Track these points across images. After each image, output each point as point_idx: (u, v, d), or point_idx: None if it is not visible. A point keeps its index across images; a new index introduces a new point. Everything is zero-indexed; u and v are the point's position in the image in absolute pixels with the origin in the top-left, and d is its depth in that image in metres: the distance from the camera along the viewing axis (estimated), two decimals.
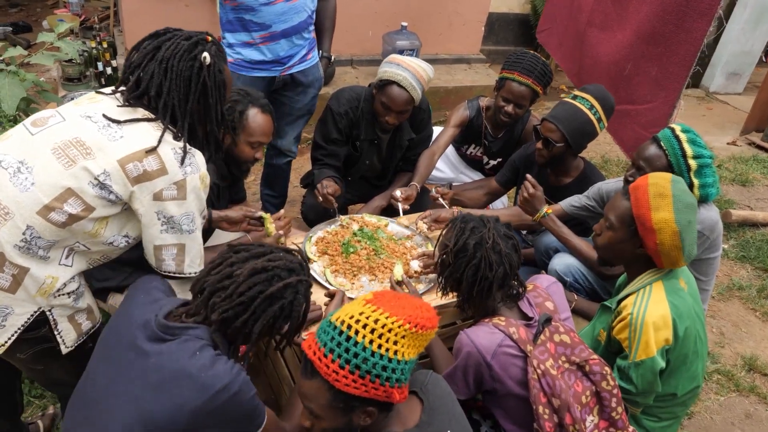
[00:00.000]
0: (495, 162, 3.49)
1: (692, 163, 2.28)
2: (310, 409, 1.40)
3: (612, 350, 2.11)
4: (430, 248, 2.65)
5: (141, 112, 1.66)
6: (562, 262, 2.69)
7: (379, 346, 1.31)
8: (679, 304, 1.98)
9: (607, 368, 1.85)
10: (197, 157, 1.70)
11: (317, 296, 2.28)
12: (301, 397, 1.42)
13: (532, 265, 3.02)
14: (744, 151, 5.67)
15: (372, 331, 1.31)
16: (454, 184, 3.64)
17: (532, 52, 3.17)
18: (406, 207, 2.91)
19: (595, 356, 1.86)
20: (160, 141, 1.61)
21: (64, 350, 1.72)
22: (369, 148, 3.06)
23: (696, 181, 2.29)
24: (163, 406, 1.38)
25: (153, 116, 1.66)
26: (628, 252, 2.03)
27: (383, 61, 2.89)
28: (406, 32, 5.14)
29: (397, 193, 2.92)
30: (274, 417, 1.62)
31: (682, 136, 2.31)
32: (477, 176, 3.63)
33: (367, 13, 5.27)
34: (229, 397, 1.41)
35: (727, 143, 5.77)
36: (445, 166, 3.69)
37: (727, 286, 3.77)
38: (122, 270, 2.04)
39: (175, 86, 1.65)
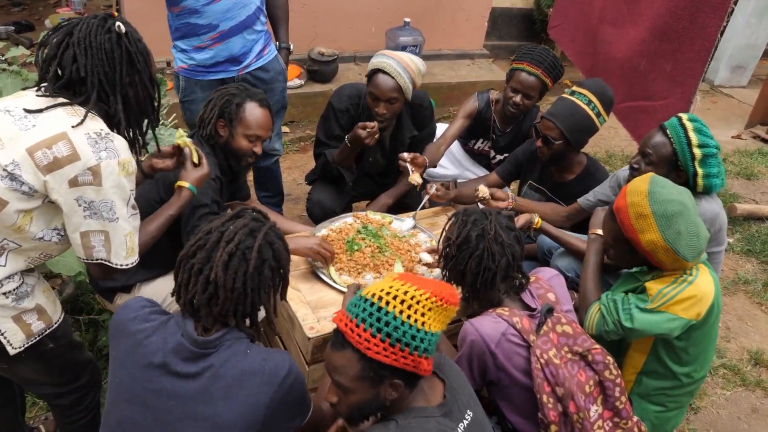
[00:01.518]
0: (502, 157, 3.47)
1: (697, 152, 2.27)
2: (338, 383, 1.44)
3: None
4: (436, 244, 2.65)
5: (59, 100, 1.61)
6: (564, 258, 2.69)
7: (408, 317, 1.38)
8: (718, 288, 2.01)
9: (609, 357, 1.86)
10: (116, 142, 1.61)
11: (323, 294, 2.29)
12: (330, 370, 1.46)
13: (534, 260, 3.02)
14: (749, 144, 5.64)
15: (402, 302, 1.39)
16: (459, 180, 3.63)
17: (543, 45, 3.17)
18: (415, 173, 2.91)
19: (597, 346, 1.87)
20: (82, 121, 1.55)
21: (11, 351, 1.67)
22: (372, 145, 3.05)
23: (700, 171, 2.28)
24: (238, 409, 1.41)
25: (69, 101, 1.61)
26: (641, 261, 2.04)
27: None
28: (409, 28, 5.13)
29: (405, 154, 2.89)
30: (315, 403, 1.69)
31: (689, 125, 2.30)
32: (482, 172, 3.60)
33: (369, 10, 5.26)
34: (293, 380, 1.48)
35: (732, 137, 5.75)
36: (449, 163, 3.67)
37: (733, 281, 3.76)
38: (128, 269, 2.04)
39: (99, 61, 1.61)
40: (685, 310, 1.93)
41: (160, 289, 2.29)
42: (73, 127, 1.54)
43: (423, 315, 1.39)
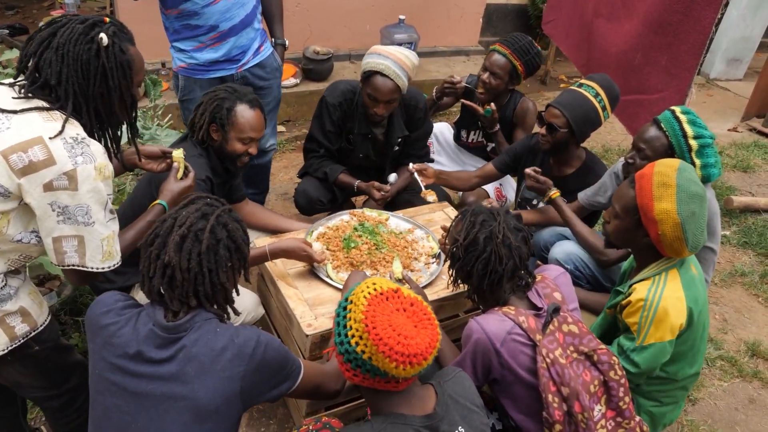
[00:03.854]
0: (494, 144, 3.50)
1: (693, 143, 2.28)
2: None
3: (616, 327, 2.13)
4: (432, 242, 2.65)
5: (35, 102, 1.58)
6: (563, 250, 2.69)
7: (350, 318, 1.42)
8: (694, 291, 2.00)
9: (614, 358, 1.86)
10: (92, 147, 1.59)
11: (320, 291, 2.30)
12: None
13: (531, 255, 3.02)
14: (745, 137, 5.65)
15: (345, 309, 1.44)
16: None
17: (523, 34, 3.32)
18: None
19: (603, 346, 1.86)
20: (62, 130, 1.54)
21: None
22: (362, 142, 3.06)
23: (698, 161, 2.29)
24: (213, 386, 1.44)
25: (47, 105, 1.60)
26: (636, 241, 2.04)
27: (366, 53, 2.88)
28: (404, 25, 5.13)
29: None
30: (311, 364, 1.72)
31: (682, 117, 2.31)
32: (480, 164, 3.60)
33: (364, 7, 5.26)
34: (264, 349, 1.51)
35: (728, 129, 5.76)
36: (447, 159, 3.68)
37: (730, 273, 3.77)
38: (125, 271, 2.04)
39: (74, 71, 1.59)
40: (664, 332, 1.94)
41: None
42: (50, 138, 1.52)
43: (355, 332, 1.40)
